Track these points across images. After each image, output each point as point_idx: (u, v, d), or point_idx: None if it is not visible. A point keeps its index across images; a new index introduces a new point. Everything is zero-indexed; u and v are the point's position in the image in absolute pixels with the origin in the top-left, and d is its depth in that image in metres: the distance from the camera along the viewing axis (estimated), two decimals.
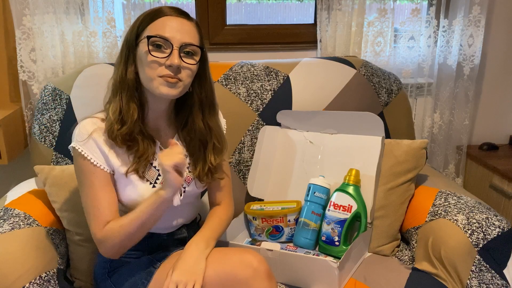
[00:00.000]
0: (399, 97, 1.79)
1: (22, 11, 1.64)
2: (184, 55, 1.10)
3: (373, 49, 1.98)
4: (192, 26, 1.12)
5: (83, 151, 1.11)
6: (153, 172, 1.17)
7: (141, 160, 1.14)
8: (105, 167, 1.13)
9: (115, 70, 1.14)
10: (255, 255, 1.10)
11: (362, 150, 1.50)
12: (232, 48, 2.01)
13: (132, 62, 1.11)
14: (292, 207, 1.51)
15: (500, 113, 2.27)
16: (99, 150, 1.12)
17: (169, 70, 1.07)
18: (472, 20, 1.99)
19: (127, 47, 1.12)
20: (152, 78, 1.08)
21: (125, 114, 1.11)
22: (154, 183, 1.17)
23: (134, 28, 1.12)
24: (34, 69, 1.69)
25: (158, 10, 1.11)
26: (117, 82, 1.12)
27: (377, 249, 1.47)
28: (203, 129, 1.20)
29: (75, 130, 1.13)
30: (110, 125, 1.11)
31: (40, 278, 1.17)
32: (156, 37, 1.07)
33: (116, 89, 1.12)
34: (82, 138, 1.11)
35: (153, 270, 1.15)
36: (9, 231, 1.23)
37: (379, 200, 1.47)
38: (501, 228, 1.29)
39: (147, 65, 1.08)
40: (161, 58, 1.07)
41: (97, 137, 1.12)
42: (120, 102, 1.11)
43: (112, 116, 1.11)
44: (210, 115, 1.21)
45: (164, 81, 1.08)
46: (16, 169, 1.87)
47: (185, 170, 1.13)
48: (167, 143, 1.14)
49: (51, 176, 1.39)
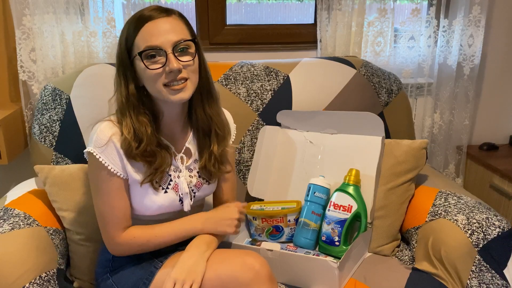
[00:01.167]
0: (399, 97, 1.79)
1: (22, 11, 1.64)
2: (180, 53, 1.09)
3: (373, 49, 1.98)
4: (176, 20, 1.11)
5: (100, 158, 1.10)
6: (165, 177, 1.18)
7: (158, 172, 1.14)
8: (122, 173, 1.13)
9: (117, 90, 1.13)
10: (256, 258, 1.10)
11: (362, 150, 1.50)
12: (232, 48, 2.01)
13: (131, 79, 1.11)
14: (292, 207, 1.51)
15: (500, 113, 2.27)
16: (117, 154, 1.11)
17: (172, 75, 1.07)
18: (472, 20, 1.99)
19: (122, 66, 1.11)
20: (159, 89, 1.09)
21: (138, 132, 1.10)
22: (166, 188, 1.18)
23: (123, 46, 1.10)
24: (34, 69, 1.69)
25: (139, 18, 1.08)
26: (123, 102, 1.11)
27: (377, 249, 1.47)
28: (204, 118, 1.20)
29: (93, 135, 1.12)
30: (128, 145, 1.10)
31: (40, 278, 1.17)
32: (147, 50, 1.06)
33: (123, 110, 1.11)
34: (101, 144, 1.10)
35: (154, 270, 1.15)
36: (9, 231, 1.23)
37: (379, 200, 1.47)
38: (501, 228, 1.29)
39: (150, 79, 1.08)
40: (159, 68, 1.07)
41: (116, 141, 1.11)
42: (131, 121, 1.10)
43: (128, 135, 1.10)
44: (209, 103, 1.20)
45: (171, 90, 1.08)
46: (16, 169, 1.87)
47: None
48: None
49: (51, 175, 1.39)
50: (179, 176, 1.20)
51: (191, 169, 1.24)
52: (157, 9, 1.10)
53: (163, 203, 1.18)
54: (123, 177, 1.13)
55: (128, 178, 1.15)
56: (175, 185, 1.20)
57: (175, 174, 1.20)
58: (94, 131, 1.12)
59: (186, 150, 1.23)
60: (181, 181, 1.20)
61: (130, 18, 1.11)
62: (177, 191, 1.20)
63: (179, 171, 1.21)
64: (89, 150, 1.11)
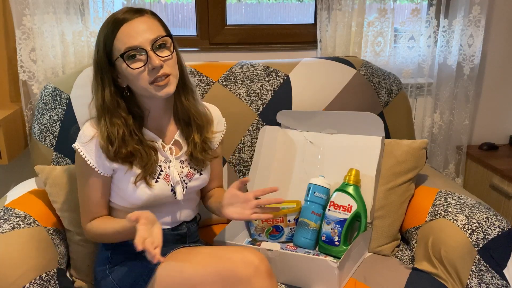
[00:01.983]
0: (399, 97, 1.79)
1: (22, 11, 1.64)
2: (158, 50, 1.12)
3: (373, 49, 1.98)
4: (150, 18, 1.14)
5: (81, 152, 1.16)
6: (156, 168, 1.21)
7: (147, 169, 1.18)
8: (100, 169, 1.18)
9: (95, 96, 1.17)
10: (256, 254, 1.11)
11: (362, 150, 1.50)
12: (232, 48, 2.01)
13: (107, 84, 1.14)
14: (292, 207, 1.51)
15: (500, 113, 2.27)
16: (98, 153, 1.16)
17: (155, 72, 1.11)
18: (472, 20, 1.99)
19: (100, 71, 1.14)
20: (145, 87, 1.12)
21: (111, 135, 1.14)
22: (157, 178, 1.21)
23: (101, 50, 1.13)
24: (34, 69, 1.69)
25: (115, 22, 1.11)
26: (99, 108, 1.15)
27: (377, 249, 1.47)
28: (182, 109, 1.24)
29: (81, 130, 1.18)
30: (106, 150, 1.14)
31: (40, 278, 1.17)
32: (128, 51, 1.10)
33: (99, 114, 1.16)
34: (84, 140, 1.16)
35: (154, 266, 1.15)
36: (9, 231, 1.23)
37: (379, 200, 1.47)
38: (501, 228, 1.29)
39: (134, 79, 1.12)
40: (142, 67, 1.10)
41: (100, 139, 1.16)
42: (106, 126, 1.15)
43: (102, 140, 1.14)
44: (185, 94, 1.23)
45: (156, 87, 1.12)
46: (16, 169, 1.87)
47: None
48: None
49: (52, 176, 1.39)
50: (169, 166, 1.23)
51: (182, 161, 1.27)
52: (130, 10, 1.13)
53: (154, 192, 1.20)
54: (103, 174, 1.18)
55: (109, 175, 1.20)
56: (166, 175, 1.23)
57: (165, 164, 1.23)
58: (82, 127, 1.18)
59: (175, 142, 1.26)
60: (171, 170, 1.23)
61: (104, 23, 1.14)
62: (168, 180, 1.23)
63: (169, 161, 1.24)
64: (74, 145, 1.18)
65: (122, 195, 1.22)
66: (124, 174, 1.19)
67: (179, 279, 1.12)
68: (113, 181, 1.22)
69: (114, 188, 1.23)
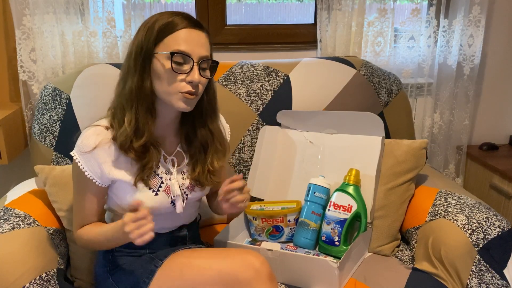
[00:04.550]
0: (399, 97, 1.79)
1: (22, 11, 1.64)
2: (201, 68, 1.10)
3: (373, 49, 1.98)
4: (206, 37, 1.12)
5: (79, 162, 1.12)
6: (157, 180, 1.18)
7: (146, 169, 1.15)
8: (98, 181, 1.15)
9: (128, 79, 1.10)
10: (257, 257, 1.10)
11: (362, 150, 1.50)
12: (232, 48, 2.01)
13: (148, 72, 1.09)
14: (292, 207, 1.51)
15: (500, 113, 2.27)
16: (97, 165, 1.13)
17: (190, 86, 1.09)
18: (472, 20, 1.99)
19: (143, 56, 1.09)
20: (172, 93, 1.09)
21: (142, 127, 1.11)
22: (157, 190, 1.18)
23: (151, 38, 1.08)
24: (34, 69, 1.69)
25: (176, 21, 1.08)
26: (133, 92, 1.09)
27: (377, 249, 1.47)
28: (204, 133, 1.21)
29: (79, 138, 1.13)
30: (125, 138, 1.10)
31: (40, 278, 1.17)
32: (180, 54, 1.07)
33: (131, 100, 1.10)
34: (83, 150, 1.11)
35: (154, 269, 1.15)
36: (9, 231, 1.23)
37: (379, 200, 1.47)
38: (501, 228, 1.29)
39: (168, 80, 1.08)
40: (182, 74, 1.08)
41: (100, 152, 1.12)
42: (136, 114, 1.10)
43: (128, 127, 1.10)
44: (212, 120, 1.22)
45: (183, 97, 1.09)
46: (16, 169, 1.87)
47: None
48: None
49: (52, 176, 1.39)
50: (170, 179, 1.20)
51: (183, 172, 1.24)
52: (193, 20, 1.11)
53: (154, 204, 1.17)
54: (99, 184, 1.15)
55: (106, 185, 1.17)
56: (167, 187, 1.20)
57: (166, 176, 1.20)
58: (81, 134, 1.14)
59: (177, 153, 1.23)
60: (172, 183, 1.20)
61: (166, 13, 1.10)
62: (168, 193, 1.20)
63: (170, 173, 1.21)
64: (72, 153, 1.14)
65: (120, 203, 1.20)
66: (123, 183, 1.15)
67: (179, 281, 1.11)
68: (111, 189, 1.19)
69: (112, 196, 1.21)
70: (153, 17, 1.11)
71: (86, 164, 1.12)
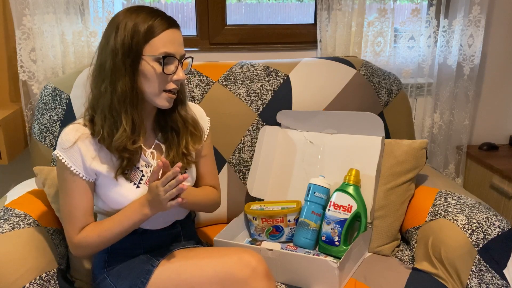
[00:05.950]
0: (399, 97, 1.79)
1: (22, 11, 1.64)
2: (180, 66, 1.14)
3: (373, 49, 1.98)
4: (181, 34, 1.16)
5: (63, 159, 1.13)
6: (137, 173, 1.19)
7: (129, 163, 1.15)
8: (84, 175, 1.15)
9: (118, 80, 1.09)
10: (253, 255, 1.11)
11: (362, 150, 1.50)
12: (232, 48, 2.02)
13: (137, 74, 1.10)
14: (292, 207, 1.51)
15: (500, 113, 2.27)
16: (81, 158, 1.13)
17: (175, 84, 1.13)
18: (472, 20, 1.99)
19: (132, 58, 1.08)
20: (159, 93, 1.13)
21: (138, 127, 1.13)
22: (138, 183, 1.19)
23: (139, 39, 1.08)
24: (34, 69, 1.69)
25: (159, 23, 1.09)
26: (127, 94, 1.09)
27: (377, 249, 1.47)
28: (175, 118, 1.23)
29: (59, 138, 1.15)
30: (125, 139, 1.11)
31: (40, 278, 1.17)
32: (168, 56, 1.10)
33: (123, 101, 1.10)
34: (65, 146, 1.13)
35: (152, 268, 1.15)
36: (9, 231, 1.23)
37: (379, 200, 1.47)
38: (501, 228, 1.29)
39: (155, 81, 1.11)
40: (170, 74, 1.11)
41: (81, 145, 1.13)
42: (133, 115, 1.11)
43: (128, 130, 1.11)
44: (182, 107, 1.24)
45: (167, 96, 1.13)
46: (16, 169, 1.87)
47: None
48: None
49: (51, 177, 1.39)
50: (150, 171, 1.21)
51: None
52: (171, 19, 1.13)
53: (135, 197, 1.17)
54: (85, 179, 1.15)
55: (92, 179, 1.17)
56: (148, 180, 1.20)
57: (146, 169, 1.21)
58: (60, 134, 1.15)
59: (156, 146, 1.24)
60: None
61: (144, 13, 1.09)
62: None
63: (150, 166, 1.22)
64: (54, 153, 1.15)
65: (105, 200, 1.19)
66: (105, 178, 1.16)
67: (177, 281, 1.12)
68: (95, 188, 1.19)
69: (97, 197, 1.21)
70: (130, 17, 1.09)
71: (70, 159, 1.13)
